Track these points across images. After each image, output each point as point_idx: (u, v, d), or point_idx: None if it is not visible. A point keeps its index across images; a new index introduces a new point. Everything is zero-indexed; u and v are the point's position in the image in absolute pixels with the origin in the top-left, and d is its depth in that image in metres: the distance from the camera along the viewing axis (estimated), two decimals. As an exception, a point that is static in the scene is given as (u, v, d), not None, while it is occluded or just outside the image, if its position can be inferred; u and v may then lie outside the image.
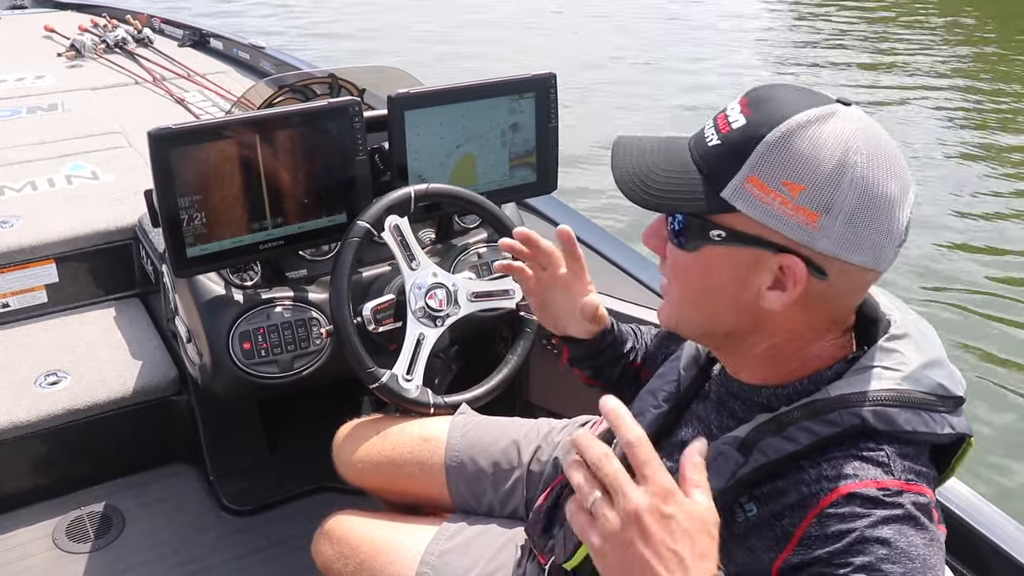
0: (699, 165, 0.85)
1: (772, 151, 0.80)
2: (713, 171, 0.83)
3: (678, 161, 0.87)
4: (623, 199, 0.89)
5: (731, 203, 0.82)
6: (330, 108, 1.58)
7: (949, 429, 0.85)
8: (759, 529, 0.85)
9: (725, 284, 0.86)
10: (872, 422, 0.82)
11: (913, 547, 0.77)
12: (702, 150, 0.85)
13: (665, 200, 0.86)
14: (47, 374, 2.03)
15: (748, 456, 0.85)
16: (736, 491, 0.86)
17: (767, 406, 0.90)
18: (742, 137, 0.82)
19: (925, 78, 7.65)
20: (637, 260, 1.90)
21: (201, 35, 4.03)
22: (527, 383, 2.05)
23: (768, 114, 0.82)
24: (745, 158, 0.81)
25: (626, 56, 8.24)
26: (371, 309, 1.55)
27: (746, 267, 0.84)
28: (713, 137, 0.85)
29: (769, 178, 0.80)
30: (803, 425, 0.84)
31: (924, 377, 0.85)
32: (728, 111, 0.85)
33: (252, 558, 1.89)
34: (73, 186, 2.52)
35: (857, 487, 0.79)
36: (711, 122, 0.86)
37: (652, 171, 0.87)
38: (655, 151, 0.89)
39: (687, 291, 0.90)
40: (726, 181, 0.82)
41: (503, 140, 1.75)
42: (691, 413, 1.02)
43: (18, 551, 1.86)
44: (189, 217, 1.48)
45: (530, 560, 1.22)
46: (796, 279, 0.82)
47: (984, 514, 1.19)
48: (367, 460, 1.48)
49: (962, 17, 10.14)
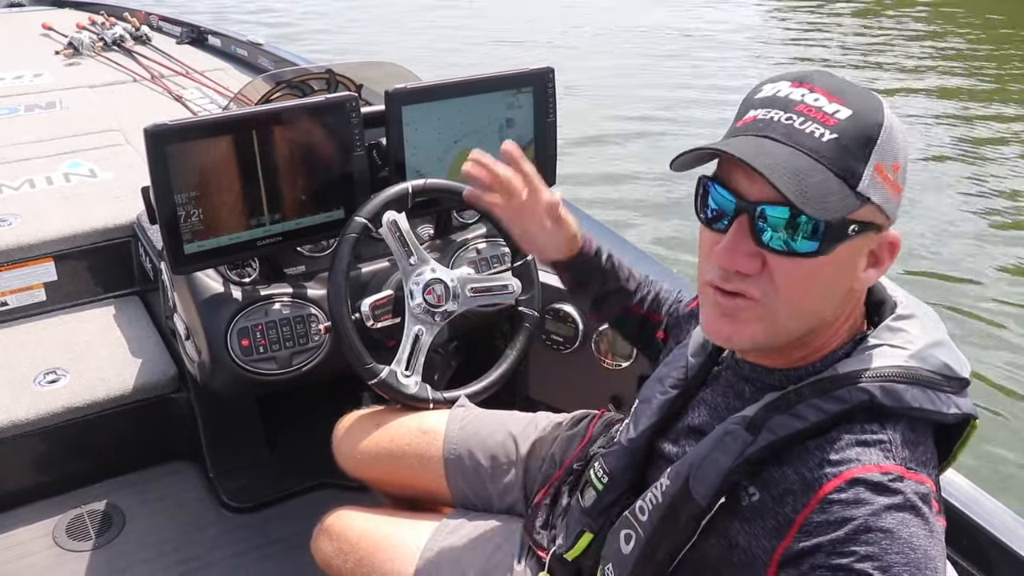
0: (824, 162, 0.79)
1: (888, 135, 0.81)
2: (843, 166, 0.79)
3: (804, 161, 0.79)
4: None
5: (867, 195, 0.80)
6: (327, 104, 1.57)
7: (955, 409, 0.85)
8: (761, 515, 0.85)
9: (842, 279, 0.84)
10: (880, 397, 0.82)
11: (915, 537, 0.77)
12: (815, 145, 0.79)
13: (823, 203, 0.78)
14: (46, 372, 2.03)
15: (757, 435, 0.85)
16: (744, 469, 0.86)
17: (778, 387, 0.90)
18: (859, 127, 0.80)
19: (907, 79, 7.66)
20: (642, 257, 1.90)
21: (199, 32, 4.03)
22: (527, 378, 2.04)
23: (863, 99, 0.82)
24: (872, 147, 0.80)
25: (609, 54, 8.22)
26: (369, 305, 1.55)
27: (858, 254, 0.84)
28: (822, 131, 0.79)
29: (885, 163, 0.81)
30: (812, 403, 0.84)
31: (930, 356, 0.86)
32: (816, 103, 0.81)
33: (252, 555, 1.89)
34: (71, 184, 2.52)
35: (860, 472, 0.79)
36: (801, 117, 0.80)
37: (803, 171, 0.78)
38: (775, 150, 0.80)
39: (805, 300, 0.83)
40: (860, 174, 0.80)
41: (501, 135, 1.74)
42: (698, 399, 1.02)
43: (18, 550, 1.86)
44: (186, 214, 1.47)
45: (529, 555, 1.22)
46: (893, 252, 0.85)
47: (983, 506, 1.19)
48: (366, 452, 1.48)
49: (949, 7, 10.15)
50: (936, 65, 7.99)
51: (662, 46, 8.61)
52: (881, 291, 0.94)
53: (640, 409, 1.07)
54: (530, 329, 1.66)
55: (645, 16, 9.90)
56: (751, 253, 0.82)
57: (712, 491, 0.87)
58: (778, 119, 0.81)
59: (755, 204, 0.81)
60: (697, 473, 0.89)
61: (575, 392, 1.92)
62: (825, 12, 10.39)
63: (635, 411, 1.08)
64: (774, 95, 0.84)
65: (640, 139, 5.93)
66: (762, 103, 0.84)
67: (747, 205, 0.82)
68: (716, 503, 0.87)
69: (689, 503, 0.89)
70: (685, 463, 0.91)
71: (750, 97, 0.87)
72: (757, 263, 0.82)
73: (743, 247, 0.82)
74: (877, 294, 0.93)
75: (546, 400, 2.00)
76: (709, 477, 0.87)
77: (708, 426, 0.96)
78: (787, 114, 0.81)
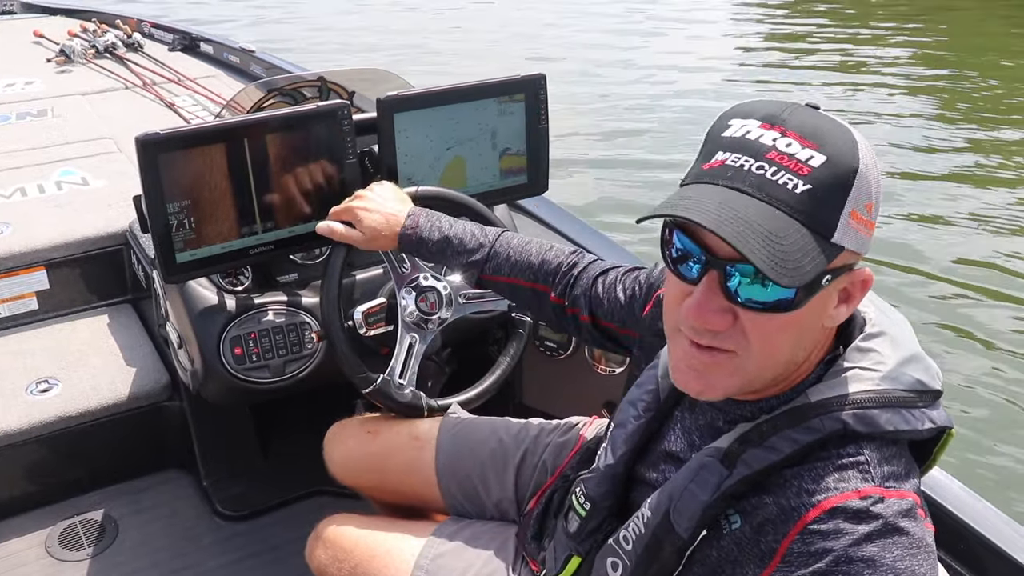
0: (797, 216, 0.76)
1: (862, 179, 0.78)
2: (816, 218, 0.77)
3: (776, 219, 0.76)
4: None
5: (841, 244, 0.78)
6: (319, 111, 1.57)
7: (929, 424, 0.85)
8: (744, 544, 0.84)
9: (814, 322, 0.82)
10: (853, 425, 0.82)
11: (899, 560, 0.77)
12: (788, 199, 0.76)
13: (798, 267, 0.75)
14: (38, 381, 2.02)
15: (732, 468, 0.85)
16: (721, 504, 0.86)
17: (750, 417, 0.89)
18: (834, 174, 0.77)
19: (880, 76, 7.69)
20: (631, 260, 1.90)
21: (191, 39, 4.02)
22: (520, 384, 2.04)
23: (839, 140, 0.78)
24: (847, 194, 0.77)
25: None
26: (362, 313, 1.55)
27: (830, 295, 0.82)
28: (795, 182, 0.76)
29: (859, 206, 0.79)
30: (785, 434, 0.84)
31: (902, 375, 0.85)
32: (789, 150, 0.77)
33: (246, 563, 1.88)
34: (63, 192, 2.51)
35: (839, 500, 0.79)
36: (773, 167, 0.77)
37: (775, 234, 0.75)
38: (746, 207, 0.76)
39: (778, 351, 0.82)
40: (834, 225, 0.77)
41: (493, 142, 1.75)
42: (674, 421, 1.01)
43: (11, 560, 1.85)
44: (178, 222, 1.47)
45: (523, 565, 1.22)
46: (865, 288, 0.83)
47: (970, 506, 1.19)
48: (357, 460, 1.48)
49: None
50: (912, 63, 8.04)
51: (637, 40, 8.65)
52: None
53: (616, 434, 1.05)
54: (523, 335, 1.66)
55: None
56: (722, 309, 0.80)
57: (693, 524, 0.87)
58: (748, 167, 0.78)
59: (725, 260, 0.78)
60: (677, 505, 0.88)
61: (569, 398, 1.92)
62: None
63: (611, 436, 1.06)
64: (744, 137, 0.79)
65: (636, 139, 5.95)
66: (731, 145, 0.80)
67: (717, 261, 0.79)
68: (698, 535, 0.87)
69: (671, 535, 0.89)
70: (665, 494, 0.91)
71: (716, 134, 0.83)
72: (728, 318, 0.80)
73: (714, 303, 0.80)
74: None
75: (540, 406, 2.00)
76: (689, 510, 0.87)
77: (684, 453, 0.96)
78: (758, 162, 0.77)
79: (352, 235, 1.42)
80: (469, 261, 1.35)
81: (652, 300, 1.16)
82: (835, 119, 0.81)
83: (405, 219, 1.39)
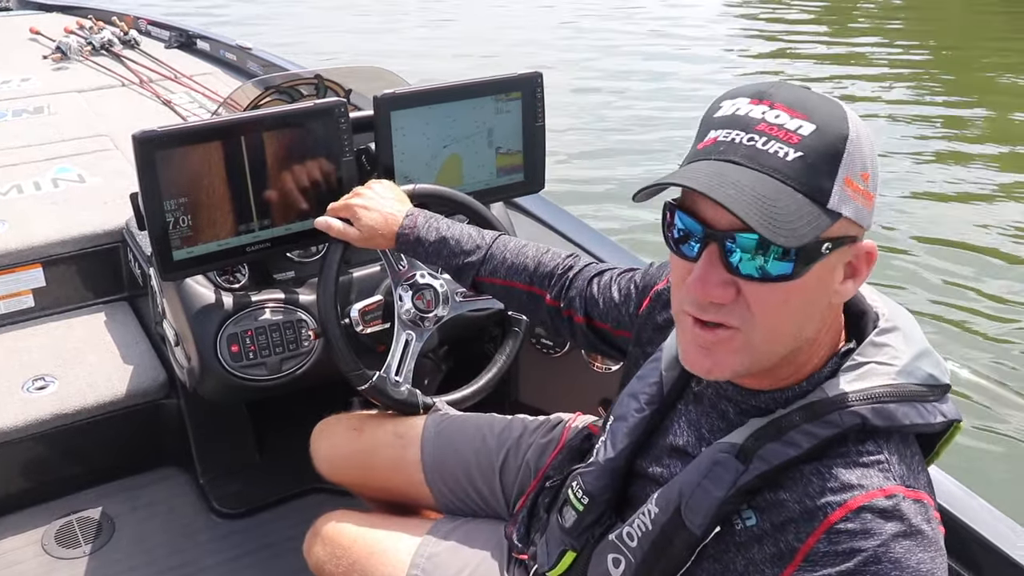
0: (790, 183, 0.77)
1: (854, 146, 0.79)
2: (811, 184, 0.77)
3: (770, 184, 0.77)
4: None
5: (838, 211, 0.78)
6: (316, 109, 1.57)
7: (941, 417, 0.86)
8: (760, 541, 0.84)
9: (819, 296, 0.82)
10: (872, 420, 0.82)
11: (922, 563, 0.78)
12: (780, 166, 0.77)
13: (793, 229, 0.75)
14: (34, 379, 2.02)
15: (748, 464, 0.84)
16: (737, 500, 0.85)
17: (763, 409, 0.89)
18: (824, 141, 0.78)
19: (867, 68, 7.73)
20: (627, 258, 1.91)
21: (188, 36, 4.01)
22: (516, 382, 2.05)
23: (826, 110, 0.80)
24: (839, 161, 0.78)
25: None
26: (359, 310, 1.55)
27: (834, 268, 0.82)
28: (786, 150, 0.77)
29: (854, 174, 0.79)
30: (803, 429, 0.83)
31: (916, 369, 0.86)
32: (778, 120, 0.79)
33: (244, 560, 1.89)
34: (60, 189, 2.51)
35: (865, 499, 0.79)
36: (764, 137, 0.78)
37: (769, 198, 0.76)
38: (739, 176, 0.77)
39: (783, 324, 0.81)
40: (828, 191, 0.78)
41: (490, 140, 1.75)
42: (677, 414, 1.00)
43: (7, 558, 1.85)
44: (175, 220, 1.47)
45: (517, 563, 1.23)
46: (870, 262, 0.83)
47: (969, 506, 1.19)
48: (342, 456, 1.49)
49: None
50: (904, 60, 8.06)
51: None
52: (861, 301, 0.92)
53: (616, 427, 1.04)
54: (519, 333, 1.66)
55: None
56: (724, 282, 0.80)
57: (707, 520, 0.86)
58: (740, 140, 0.79)
59: (724, 232, 0.79)
60: (689, 502, 0.88)
61: (565, 396, 1.92)
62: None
63: (610, 429, 1.05)
64: (733, 114, 0.81)
65: (634, 139, 5.95)
66: (722, 123, 0.82)
67: (716, 233, 0.79)
68: (711, 532, 0.87)
69: (682, 531, 0.88)
70: (674, 490, 0.90)
71: (709, 116, 0.84)
72: (731, 291, 0.80)
73: (715, 276, 0.80)
74: (857, 304, 0.92)
75: (536, 404, 2.00)
76: (703, 507, 0.86)
77: (692, 447, 0.95)
78: (748, 134, 0.79)
79: (349, 232, 1.42)
80: (465, 263, 1.35)
81: (649, 297, 1.15)
82: (822, 93, 0.82)
83: (403, 219, 1.39)
